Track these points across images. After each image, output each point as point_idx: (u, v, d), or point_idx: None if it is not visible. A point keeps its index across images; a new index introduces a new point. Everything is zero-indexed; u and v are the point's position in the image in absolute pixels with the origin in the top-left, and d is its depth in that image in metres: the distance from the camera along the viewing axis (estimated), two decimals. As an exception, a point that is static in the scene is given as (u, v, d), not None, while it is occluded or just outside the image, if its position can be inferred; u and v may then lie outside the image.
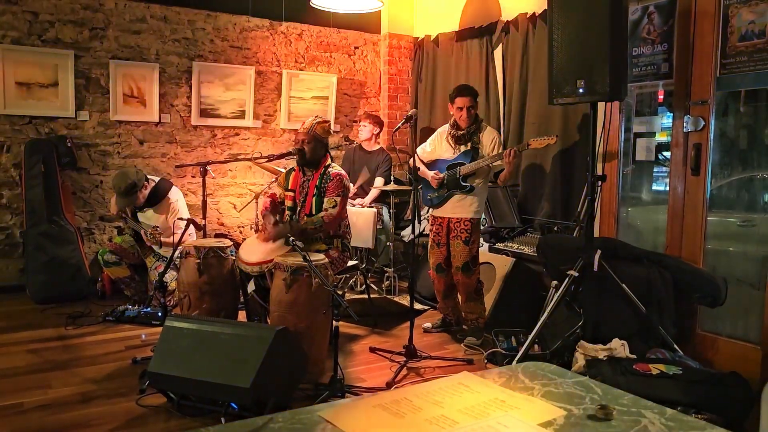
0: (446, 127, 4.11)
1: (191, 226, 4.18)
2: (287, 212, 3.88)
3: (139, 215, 4.54)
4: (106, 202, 5.25)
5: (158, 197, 4.51)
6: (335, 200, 3.69)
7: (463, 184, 3.93)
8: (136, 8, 5.23)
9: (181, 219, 4.22)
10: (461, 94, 3.95)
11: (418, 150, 4.24)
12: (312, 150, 3.76)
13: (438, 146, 4.13)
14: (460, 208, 3.97)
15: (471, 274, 3.94)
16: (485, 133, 3.97)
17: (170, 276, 4.16)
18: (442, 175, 4.00)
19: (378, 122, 5.60)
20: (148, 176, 4.56)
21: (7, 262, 4.97)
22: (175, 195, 4.60)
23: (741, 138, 3.67)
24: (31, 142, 4.87)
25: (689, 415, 2.53)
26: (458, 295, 4.11)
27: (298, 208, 3.83)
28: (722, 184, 3.63)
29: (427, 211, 4.26)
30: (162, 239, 4.43)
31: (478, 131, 3.97)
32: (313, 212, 3.75)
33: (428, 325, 4.27)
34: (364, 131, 5.53)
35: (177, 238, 3.82)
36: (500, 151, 3.81)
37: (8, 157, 4.91)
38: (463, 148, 3.98)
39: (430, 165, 4.12)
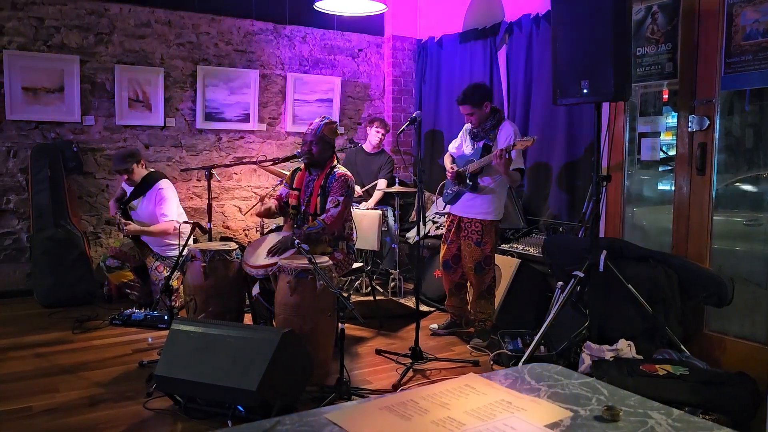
0: None
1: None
2: (291, 211, 3.89)
3: (131, 212, 4.65)
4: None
5: (149, 185, 4.62)
6: (338, 200, 3.69)
7: (468, 182, 3.87)
8: (140, 13, 5.26)
9: (186, 222, 4.24)
10: (458, 103, 3.89)
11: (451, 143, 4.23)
12: (320, 151, 3.77)
13: (463, 140, 4.06)
14: (470, 207, 3.92)
15: (483, 273, 3.91)
16: (502, 129, 3.81)
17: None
18: (455, 171, 3.94)
19: (388, 129, 5.62)
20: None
21: (15, 266, 5.00)
22: (164, 184, 4.66)
23: (747, 137, 3.66)
24: (38, 147, 4.90)
25: (696, 416, 2.53)
26: (468, 293, 4.10)
27: (303, 207, 3.84)
28: (728, 183, 3.62)
29: (444, 207, 4.22)
30: (143, 229, 4.55)
31: (495, 128, 3.84)
32: (318, 212, 3.76)
33: (435, 326, 4.26)
34: (377, 137, 5.51)
35: (182, 241, 3.85)
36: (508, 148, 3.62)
37: (15, 162, 4.94)
38: (480, 144, 3.89)
39: (459, 158, 4.05)
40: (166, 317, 4.15)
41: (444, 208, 4.19)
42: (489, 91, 3.92)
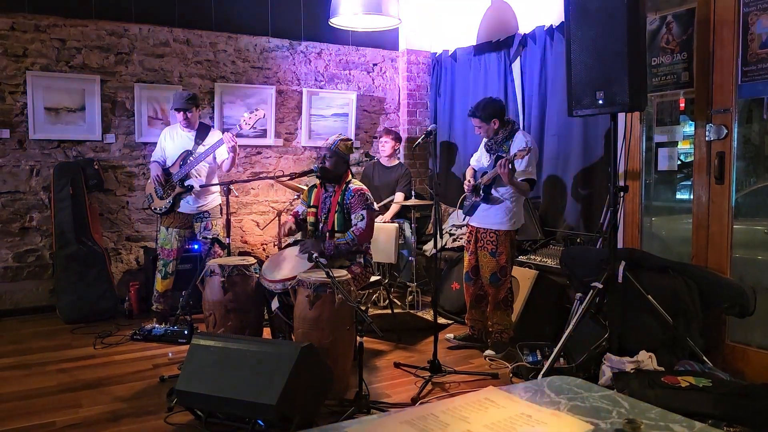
0: None
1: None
2: (310, 228, 3.92)
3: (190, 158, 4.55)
4: (132, 222, 5.35)
5: (207, 132, 4.59)
6: (362, 214, 3.73)
7: (480, 193, 3.90)
8: (159, 32, 5.36)
9: (205, 239, 4.28)
10: (468, 115, 3.95)
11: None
12: (334, 165, 3.82)
13: (481, 152, 4.09)
14: (485, 218, 3.94)
15: (499, 284, 3.90)
16: (515, 140, 3.81)
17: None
18: (472, 183, 3.97)
19: (398, 138, 5.64)
20: None
21: (38, 283, 5.08)
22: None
23: (766, 145, 3.62)
24: (60, 165, 4.99)
25: (720, 429, 2.49)
26: (488, 305, 4.09)
27: (321, 224, 3.87)
28: (748, 191, 3.58)
29: (464, 219, 4.22)
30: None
31: (508, 139, 3.85)
32: (335, 228, 3.78)
33: (450, 335, 4.24)
34: (386, 147, 5.57)
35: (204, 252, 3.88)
36: (518, 158, 3.64)
37: (38, 181, 5.03)
38: (494, 157, 3.90)
39: (479, 171, 4.05)
40: (186, 332, 4.18)
41: (464, 220, 4.21)
42: (500, 108, 3.90)
